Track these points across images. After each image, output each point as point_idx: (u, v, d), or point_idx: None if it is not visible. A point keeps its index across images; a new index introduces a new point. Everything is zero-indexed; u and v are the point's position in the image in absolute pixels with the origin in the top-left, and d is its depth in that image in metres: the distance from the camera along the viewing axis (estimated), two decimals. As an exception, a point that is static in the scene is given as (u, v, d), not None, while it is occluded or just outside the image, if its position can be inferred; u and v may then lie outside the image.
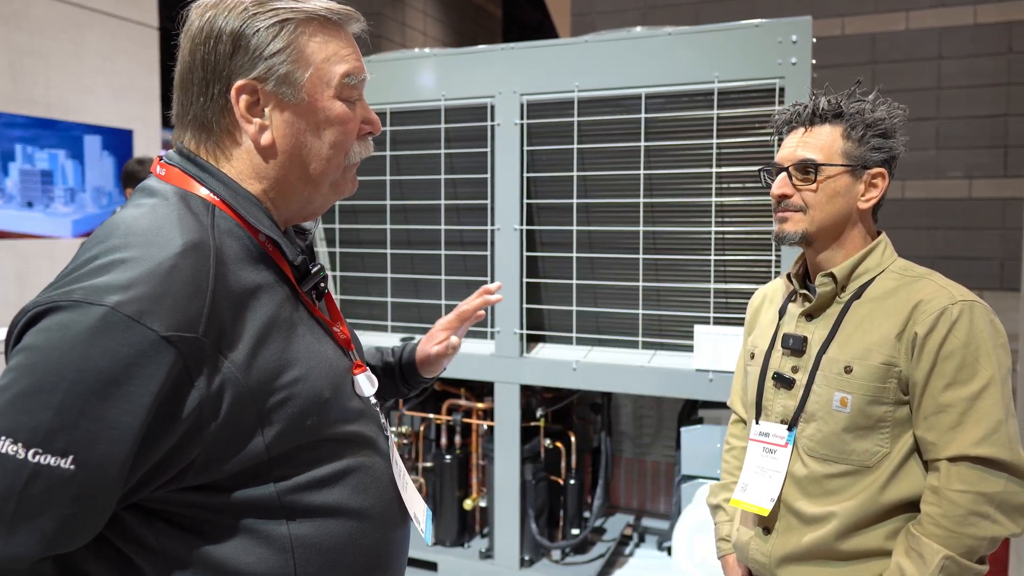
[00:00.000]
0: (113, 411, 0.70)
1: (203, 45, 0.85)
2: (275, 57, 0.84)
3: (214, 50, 0.84)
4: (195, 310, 0.74)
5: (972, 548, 1.18)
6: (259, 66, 0.84)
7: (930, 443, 1.23)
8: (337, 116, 0.89)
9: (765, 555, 1.34)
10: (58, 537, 0.71)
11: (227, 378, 0.76)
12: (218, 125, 0.87)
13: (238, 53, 0.84)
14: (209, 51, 0.84)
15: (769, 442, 1.37)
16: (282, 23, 0.85)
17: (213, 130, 0.87)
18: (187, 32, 0.87)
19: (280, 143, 0.87)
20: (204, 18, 0.86)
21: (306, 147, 0.88)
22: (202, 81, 0.85)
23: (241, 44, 0.84)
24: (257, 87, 0.85)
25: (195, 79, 0.86)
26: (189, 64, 0.86)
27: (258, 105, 0.86)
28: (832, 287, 1.34)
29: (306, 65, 0.86)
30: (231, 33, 0.84)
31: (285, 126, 0.87)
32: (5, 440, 0.69)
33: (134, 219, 0.79)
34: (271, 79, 0.85)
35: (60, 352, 0.70)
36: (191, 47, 0.86)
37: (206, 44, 0.85)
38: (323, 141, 0.88)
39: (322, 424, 0.84)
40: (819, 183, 1.32)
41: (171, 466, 0.76)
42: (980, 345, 1.20)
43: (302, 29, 0.86)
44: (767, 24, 2.36)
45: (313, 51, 0.87)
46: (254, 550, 0.80)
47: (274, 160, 0.87)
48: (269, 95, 0.86)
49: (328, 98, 0.88)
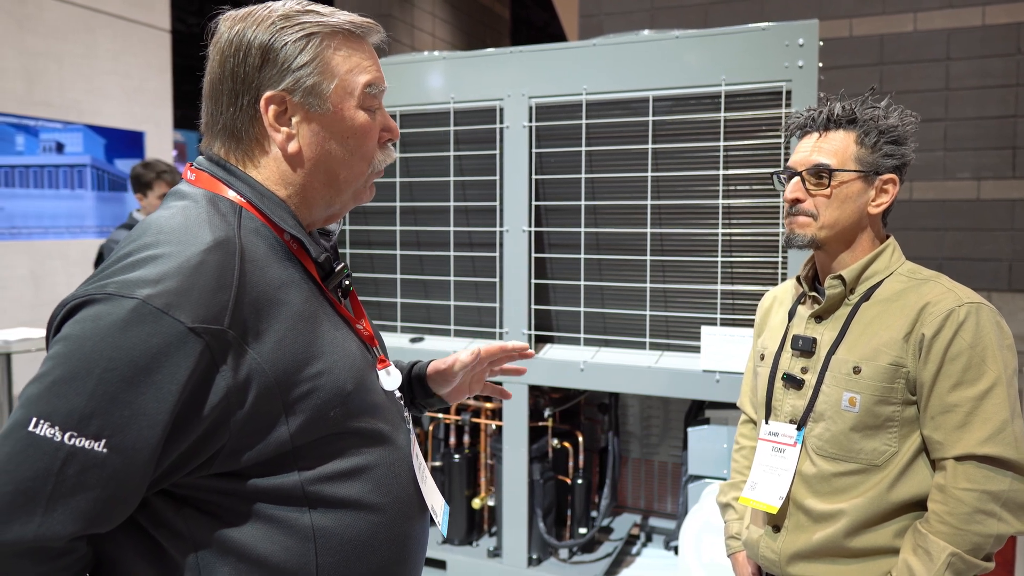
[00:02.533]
0: (143, 398, 0.74)
1: (233, 57, 0.88)
2: (302, 69, 0.87)
3: (244, 62, 0.87)
4: (220, 303, 0.78)
5: (978, 545, 1.19)
6: (287, 78, 0.87)
7: (937, 442, 1.24)
8: (361, 125, 0.92)
9: (775, 552, 1.36)
10: (92, 517, 0.74)
11: (253, 369, 0.79)
12: (247, 134, 0.90)
13: (267, 65, 0.87)
14: (239, 63, 0.87)
15: (778, 441, 1.39)
16: (308, 37, 0.88)
17: (243, 138, 0.90)
18: (216, 44, 0.90)
19: (306, 151, 0.90)
20: (233, 31, 0.89)
21: (331, 155, 0.91)
22: (232, 92, 0.88)
23: (270, 57, 0.87)
24: (285, 98, 0.88)
25: (225, 90, 0.89)
26: (219, 75, 0.89)
27: (285, 115, 0.89)
28: (841, 289, 1.36)
29: (331, 77, 0.89)
30: (260, 46, 0.87)
31: (311, 135, 0.90)
32: (43, 423, 0.72)
33: (165, 219, 0.83)
34: (298, 90, 0.88)
35: (94, 341, 0.73)
36: (221, 59, 0.89)
37: (236, 56, 0.88)
38: (347, 149, 0.92)
39: (345, 416, 0.87)
40: (832, 188, 1.34)
41: (200, 453, 0.79)
42: (986, 346, 1.22)
43: (327, 42, 0.89)
44: (774, 27, 2.38)
45: (338, 63, 0.90)
46: (278, 538, 0.83)
47: (300, 168, 0.90)
48: (296, 106, 0.89)
49: (351, 108, 0.91)
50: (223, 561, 0.81)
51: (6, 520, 0.71)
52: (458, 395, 1.22)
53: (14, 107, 3.42)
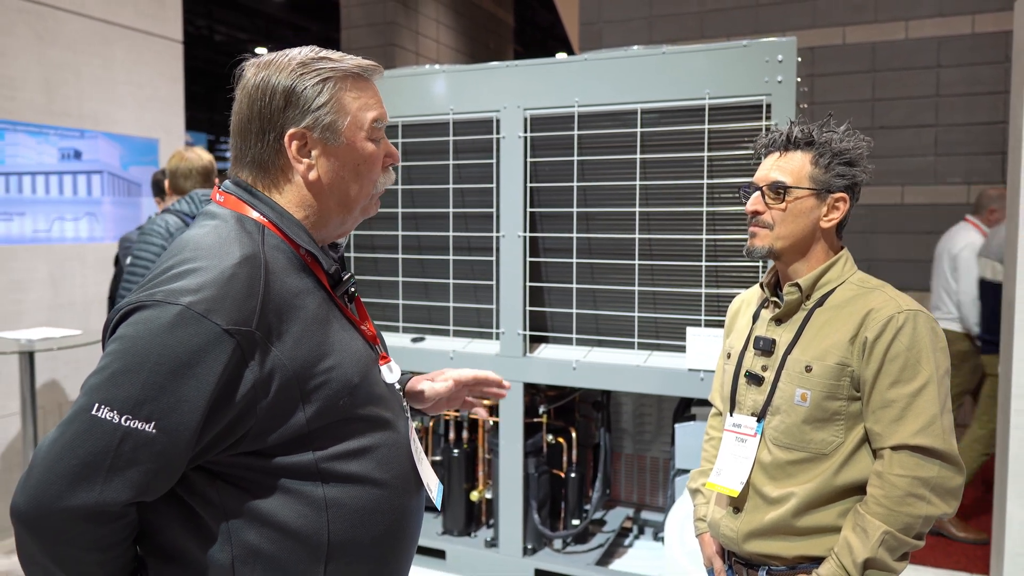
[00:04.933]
0: (186, 387, 0.88)
1: (259, 100, 1.02)
2: (321, 109, 1.02)
3: (269, 104, 1.02)
4: (249, 309, 0.92)
5: (909, 524, 1.33)
6: (308, 117, 1.02)
7: (876, 433, 1.38)
8: (370, 155, 1.07)
9: (733, 531, 1.50)
10: (143, 487, 0.89)
11: (275, 364, 0.94)
12: (274, 165, 1.05)
13: (290, 106, 1.02)
14: (265, 105, 1.02)
15: (741, 432, 1.52)
16: (324, 81, 1.03)
17: (269, 169, 1.05)
18: (243, 88, 1.05)
19: (324, 178, 1.05)
20: (259, 77, 1.03)
21: (344, 181, 1.06)
22: (260, 130, 1.03)
23: (292, 99, 1.02)
24: (306, 134, 1.03)
25: (252, 128, 1.03)
26: (247, 115, 1.04)
27: (306, 147, 1.03)
28: (798, 295, 1.49)
29: (345, 114, 1.04)
30: (283, 90, 1.02)
31: (328, 165, 1.05)
32: (104, 408, 0.87)
33: (201, 237, 0.98)
34: (317, 127, 1.03)
35: (145, 341, 0.88)
36: (249, 101, 1.03)
37: (262, 99, 1.02)
38: (358, 175, 1.07)
39: (352, 404, 1.02)
40: (787, 203, 1.47)
41: (231, 434, 0.94)
42: (921, 349, 1.36)
43: (340, 85, 1.04)
44: (755, 44, 2.51)
45: (349, 102, 1.05)
46: (296, 507, 0.98)
47: (319, 192, 1.05)
48: (316, 140, 1.03)
49: (362, 140, 1.06)
50: (249, 526, 0.96)
51: (74, 488, 0.87)
52: (435, 410, 1.36)
53: (34, 117, 3.58)
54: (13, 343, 3.14)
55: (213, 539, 0.96)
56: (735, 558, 1.54)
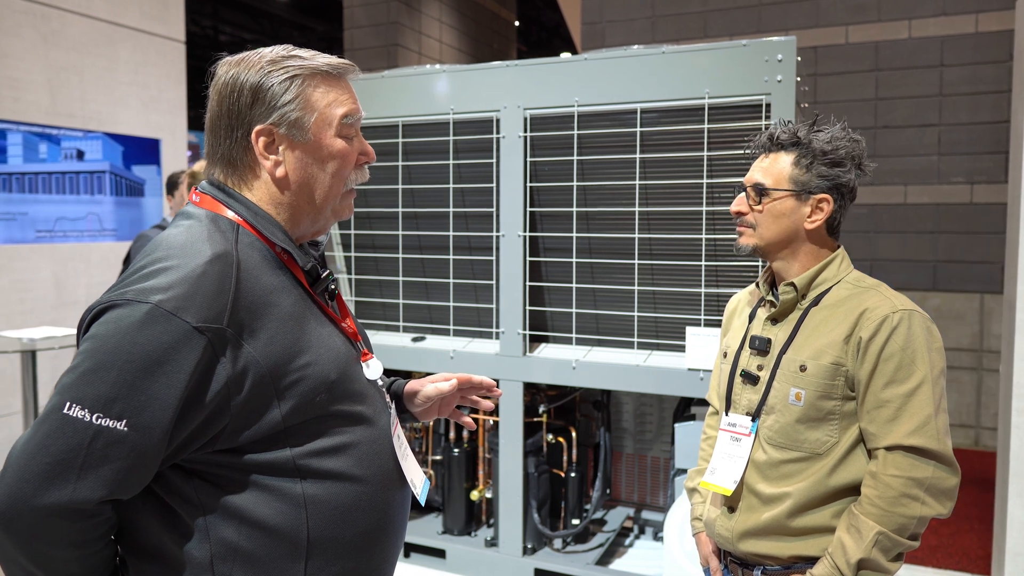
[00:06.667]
0: (157, 385, 0.89)
1: (228, 97, 1.03)
2: (287, 106, 1.03)
3: (237, 101, 1.03)
4: (220, 306, 0.93)
5: (903, 525, 1.33)
6: (274, 114, 1.03)
7: (871, 433, 1.38)
8: (338, 151, 1.07)
9: (728, 530, 1.50)
10: (116, 484, 0.90)
11: (248, 361, 0.94)
12: (242, 162, 1.05)
13: (257, 103, 1.03)
14: (233, 102, 1.03)
15: (736, 431, 1.53)
16: (292, 78, 1.03)
17: (238, 165, 1.06)
18: (215, 85, 1.06)
19: (292, 175, 1.05)
20: (229, 74, 1.04)
21: (313, 177, 1.06)
22: (228, 126, 1.04)
23: (259, 96, 1.03)
24: (273, 131, 1.03)
25: (222, 125, 1.04)
26: (217, 112, 1.05)
27: (273, 144, 1.04)
28: (793, 295, 1.49)
29: (312, 111, 1.04)
30: (251, 87, 1.03)
31: (295, 161, 1.05)
32: (75, 407, 0.88)
33: (174, 236, 0.99)
34: (283, 124, 1.03)
35: (116, 339, 0.89)
36: (219, 98, 1.05)
37: (231, 96, 1.03)
38: (326, 172, 1.07)
39: (330, 401, 1.02)
40: (766, 204, 1.48)
41: (205, 432, 0.94)
42: (916, 349, 1.36)
43: (308, 82, 1.04)
44: (754, 44, 2.51)
45: (317, 99, 1.05)
46: (274, 504, 0.98)
47: (287, 189, 1.06)
48: (283, 137, 1.04)
49: (330, 136, 1.06)
50: (227, 523, 0.97)
51: (47, 486, 0.88)
52: (427, 416, 1.35)
53: (39, 117, 3.60)
54: (15, 342, 3.16)
55: (191, 536, 0.96)
56: (731, 558, 1.54)
